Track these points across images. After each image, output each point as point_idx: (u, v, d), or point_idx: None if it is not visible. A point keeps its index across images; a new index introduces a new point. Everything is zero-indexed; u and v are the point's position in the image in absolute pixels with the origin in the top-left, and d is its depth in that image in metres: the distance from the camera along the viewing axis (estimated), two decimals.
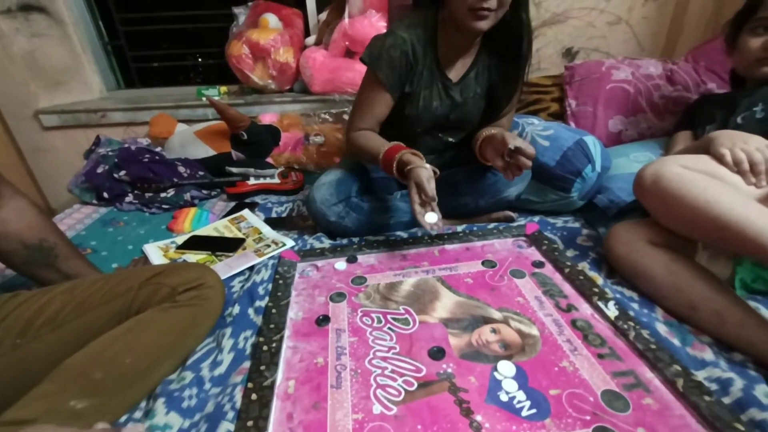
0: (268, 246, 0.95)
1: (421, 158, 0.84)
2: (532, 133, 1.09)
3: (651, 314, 0.67)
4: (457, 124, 0.96)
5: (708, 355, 0.59)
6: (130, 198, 1.13)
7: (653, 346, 0.59)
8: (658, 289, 0.68)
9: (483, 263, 0.84)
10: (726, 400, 0.51)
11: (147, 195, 1.15)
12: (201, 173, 1.24)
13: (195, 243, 0.97)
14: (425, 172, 0.79)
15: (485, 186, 0.98)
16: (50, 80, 1.46)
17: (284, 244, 0.94)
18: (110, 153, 1.18)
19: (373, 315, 0.71)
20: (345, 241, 0.96)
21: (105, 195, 1.13)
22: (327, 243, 0.95)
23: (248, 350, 0.65)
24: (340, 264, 0.86)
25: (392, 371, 0.59)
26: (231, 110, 1.22)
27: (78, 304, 0.59)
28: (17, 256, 0.64)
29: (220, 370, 0.61)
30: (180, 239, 0.98)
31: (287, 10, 1.58)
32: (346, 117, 1.43)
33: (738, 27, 0.85)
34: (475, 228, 0.98)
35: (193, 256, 0.92)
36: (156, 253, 0.91)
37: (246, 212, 1.09)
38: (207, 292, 0.65)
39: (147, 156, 1.20)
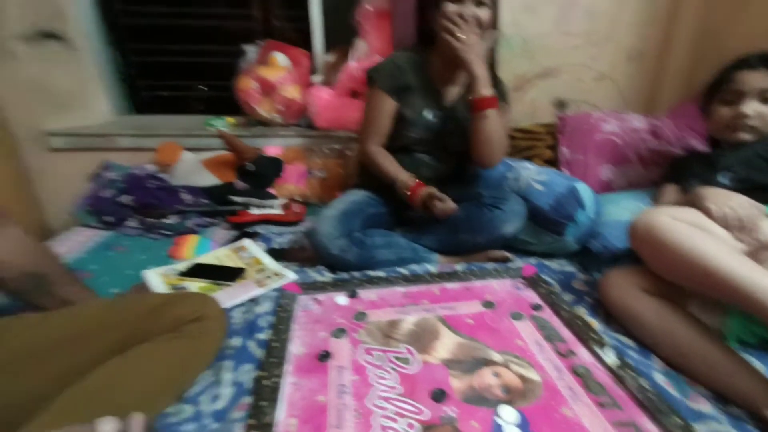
0: (269, 277, 0.95)
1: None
2: (527, 178, 1.14)
3: (648, 363, 0.69)
4: (449, 139, 1.06)
5: (706, 407, 0.60)
6: (132, 223, 1.13)
7: (653, 397, 0.60)
8: (650, 336, 0.71)
9: (483, 304, 0.85)
10: None
11: (149, 220, 1.15)
12: (204, 201, 1.25)
13: (197, 270, 0.97)
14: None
15: (482, 223, 1.01)
16: (60, 104, 1.48)
17: (285, 276, 0.94)
18: (117, 178, 1.20)
19: (375, 353, 0.71)
20: (346, 275, 0.97)
21: (108, 219, 1.13)
22: (328, 276, 0.96)
23: (247, 384, 0.64)
24: (342, 299, 0.87)
25: (394, 413, 0.59)
26: (239, 142, 1.26)
27: (81, 331, 0.58)
28: (11, 282, 0.63)
29: (220, 404, 0.60)
30: (181, 266, 0.98)
31: (295, 50, 1.67)
32: (348, 152, 1.48)
33: (710, 96, 0.94)
34: (474, 268, 1.00)
35: (193, 284, 0.91)
36: (155, 279, 0.91)
37: (247, 242, 1.10)
38: (208, 324, 0.65)
39: (153, 182, 1.21)
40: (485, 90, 0.96)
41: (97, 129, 1.51)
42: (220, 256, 1.04)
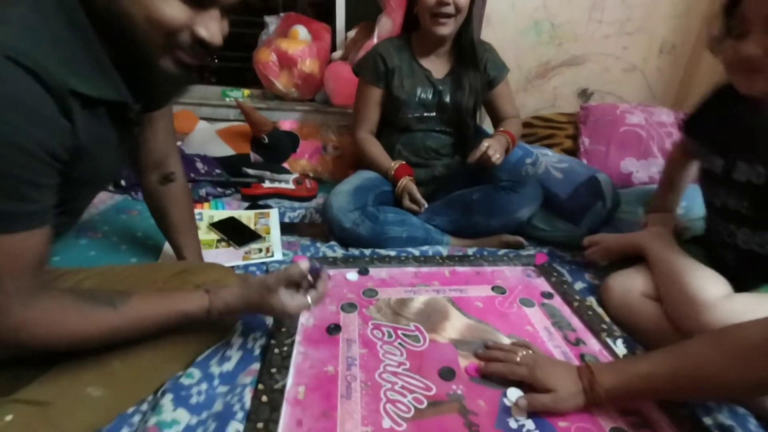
0: (260, 251, 0.95)
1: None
2: (546, 164, 1.12)
3: None
4: (446, 112, 1.09)
5: (710, 402, 0.59)
6: None
7: None
8: (651, 341, 0.70)
9: (493, 288, 0.85)
10: None
11: None
12: (218, 171, 1.25)
13: (224, 224, 1.01)
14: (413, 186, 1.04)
15: (498, 206, 1.00)
16: None
17: (272, 255, 0.94)
18: None
19: (384, 329, 0.71)
20: (357, 252, 0.96)
21: (122, 183, 1.13)
22: (339, 252, 0.96)
23: (256, 352, 0.65)
24: (352, 275, 0.87)
25: (402, 387, 0.59)
26: (256, 114, 1.24)
27: (109, 287, 0.60)
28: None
29: (228, 366, 0.61)
30: (218, 215, 1.05)
31: (317, 24, 1.63)
32: None
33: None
34: (485, 252, 0.99)
35: (204, 233, 0.96)
36: None
37: (273, 211, 1.11)
38: None
39: None
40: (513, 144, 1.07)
41: None
42: (242, 215, 1.06)
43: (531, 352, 0.61)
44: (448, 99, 1.08)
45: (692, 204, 0.95)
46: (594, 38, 1.53)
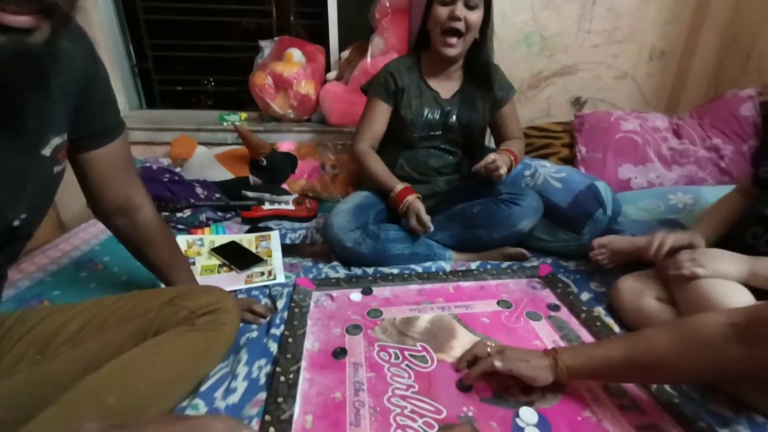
0: (262, 274, 0.94)
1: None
2: (545, 175, 1.12)
3: None
4: (452, 133, 1.09)
5: (728, 413, 0.58)
6: None
7: (676, 401, 0.58)
8: None
9: (498, 303, 0.84)
10: None
11: (164, 214, 1.15)
12: (217, 195, 1.25)
13: (225, 249, 1.00)
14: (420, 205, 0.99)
15: (499, 219, 1.00)
16: None
17: (274, 277, 0.93)
18: None
19: (391, 350, 0.70)
20: (360, 271, 0.96)
21: None
22: (342, 273, 0.95)
23: (262, 380, 0.63)
24: (355, 295, 0.86)
25: (412, 411, 0.58)
26: (254, 137, 1.26)
27: (99, 323, 0.58)
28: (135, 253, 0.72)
29: (234, 398, 0.60)
30: (219, 240, 1.05)
31: (311, 46, 1.66)
32: None
33: None
34: (489, 266, 0.99)
35: (206, 259, 0.94)
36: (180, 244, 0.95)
37: (274, 233, 1.10)
38: (224, 317, 0.64)
39: (167, 176, 1.21)
40: (515, 163, 1.08)
41: None
42: (244, 239, 1.06)
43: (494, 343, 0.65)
44: (454, 119, 1.08)
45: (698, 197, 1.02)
46: (584, 48, 1.56)
